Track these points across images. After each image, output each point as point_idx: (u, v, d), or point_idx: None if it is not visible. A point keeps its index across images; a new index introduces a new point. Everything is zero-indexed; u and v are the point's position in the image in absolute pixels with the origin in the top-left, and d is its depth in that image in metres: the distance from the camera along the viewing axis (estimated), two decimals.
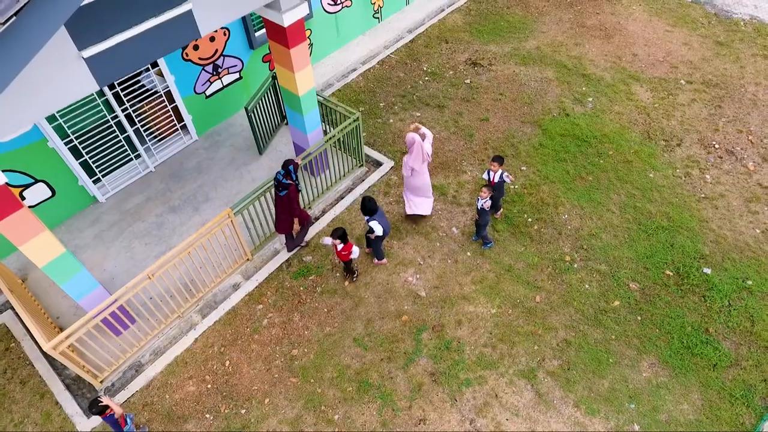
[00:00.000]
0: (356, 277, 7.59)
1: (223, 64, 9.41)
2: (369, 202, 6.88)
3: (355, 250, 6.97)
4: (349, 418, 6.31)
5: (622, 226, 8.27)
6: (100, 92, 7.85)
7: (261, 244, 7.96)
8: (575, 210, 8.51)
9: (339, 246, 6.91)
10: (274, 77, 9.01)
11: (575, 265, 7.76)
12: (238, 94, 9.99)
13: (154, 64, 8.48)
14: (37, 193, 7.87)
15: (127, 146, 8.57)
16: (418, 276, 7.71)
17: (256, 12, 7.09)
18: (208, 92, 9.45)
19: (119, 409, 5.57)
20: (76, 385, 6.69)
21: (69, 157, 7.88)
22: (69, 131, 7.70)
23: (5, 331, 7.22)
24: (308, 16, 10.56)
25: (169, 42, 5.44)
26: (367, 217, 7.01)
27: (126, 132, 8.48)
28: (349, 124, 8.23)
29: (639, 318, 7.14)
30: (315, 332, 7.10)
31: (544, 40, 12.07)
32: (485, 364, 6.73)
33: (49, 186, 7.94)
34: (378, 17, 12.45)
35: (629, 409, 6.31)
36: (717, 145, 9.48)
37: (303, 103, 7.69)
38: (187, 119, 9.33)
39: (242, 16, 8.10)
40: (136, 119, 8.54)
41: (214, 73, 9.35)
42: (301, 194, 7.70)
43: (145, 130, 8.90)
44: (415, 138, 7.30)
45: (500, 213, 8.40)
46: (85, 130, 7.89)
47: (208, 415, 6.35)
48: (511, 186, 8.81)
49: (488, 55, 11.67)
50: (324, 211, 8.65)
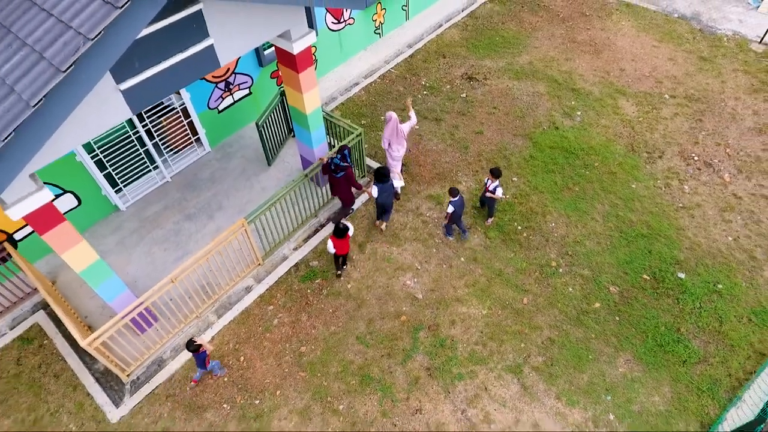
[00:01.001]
0: (343, 272, 8.48)
1: (235, 81, 10.10)
2: (379, 170, 8.20)
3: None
4: (352, 408, 6.99)
5: (605, 233, 8.93)
6: None
7: (271, 250, 8.64)
8: (562, 218, 9.18)
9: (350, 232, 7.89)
10: (282, 93, 9.69)
11: (560, 270, 8.43)
12: (248, 109, 10.68)
13: None
14: (66, 203, 8.56)
15: (146, 158, 9.26)
16: (416, 280, 8.38)
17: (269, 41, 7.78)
18: (221, 107, 10.14)
19: (210, 347, 6.76)
20: (104, 378, 7.38)
21: (94, 169, 8.57)
22: (95, 146, 8.39)
23: (38, 330, 7.91)
24: None
25: (193, 72, 6.12)
26: (374, 182, 8.27)
27: (146, 145, 9.16)
28: (353, 138, 8.91)
29: (617, 318, 7.81)
30: (321, 331, 7.79)
31: (537, 55, 12.74)
32: (476, 360, 7.41)
33: (76, 196, 8.64)
34: (379, 33, 13.13)
35: (606, 401, 6.99)
36: (696, 158, 10.14)
37: (310, 120, 8.36)
38: (201, 133, 10.02)
39: None
40: (155, 133, 9.23)
41: (226, 89, 10.03)
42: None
43: (163, 144, 9.58)
44: (393, 116, 8.72)
45: (491, 221, 9.07)
46: (109, 145, 8.58)
47: (225, 405, 7.04)
48: (503, 197, 9.48)
49: (483, 69, 12.34)
50: (328, 219, 9.33)
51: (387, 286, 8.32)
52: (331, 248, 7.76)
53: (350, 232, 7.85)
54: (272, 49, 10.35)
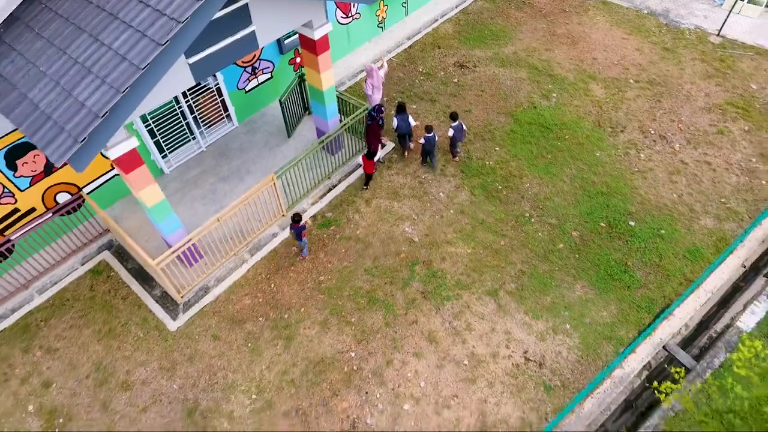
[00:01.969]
0: (367, 188, 10.88)
1: (259, 66, 11.88)
2: (400, 104, 10.79)
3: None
4: (362, 320, 8.78)
5: (571, 191, 10.71)
6: None
7: (294, 203, 10.41)
8: (536, 180, 10.95)
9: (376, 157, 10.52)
10: (300, 77, 11.47)
11: (532, 220, 10.20)
12: (270, 90, 12.46)
13: None
14: None
15: (187, 130, 11.04)
16: (413, 227, 10.15)
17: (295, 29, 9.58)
18: (248, 88, 11.91)
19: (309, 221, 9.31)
20: (162, 300, 9.16)
21: (146, 136, 10.34)
22: (148, 117, 10.16)
23: (105, 264, 9.70)
24: None
25: (240, 51, 7.91)
26: (395, 113, 10.79)
27: (186, 119, 10.94)
28: (360, 113, 10.69)
29: (577, 256, 9.58)
30: (336, 265, 9.57)
31: (521, 46, 14.51)
32: (461, 286, 9.18)
33: None
34: (382, 27, 14.91)
35: (564, 315, 8.76)
36: (653, 132, 11.91)
37: (326, 96, 10.14)
38: (231, 110, 11.79)
39: None
40: (194, 109, 11.01)
41: (252, 73, 11.81)
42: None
43: (201, 118, 11.36)
44: (373, 66, 11.38)
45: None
46: (160, 116, 10.36)
47: (260, 318, 8.83)
48: (487, 162, 11.26)
49: (473, 58, 14.12)
50: (340, 180, 11.11)
51: (389, 232, 10.09)
52: (362, 164, 10.47)
53: (376, 158, 10.46)
54: (291, 39, 12.12)
